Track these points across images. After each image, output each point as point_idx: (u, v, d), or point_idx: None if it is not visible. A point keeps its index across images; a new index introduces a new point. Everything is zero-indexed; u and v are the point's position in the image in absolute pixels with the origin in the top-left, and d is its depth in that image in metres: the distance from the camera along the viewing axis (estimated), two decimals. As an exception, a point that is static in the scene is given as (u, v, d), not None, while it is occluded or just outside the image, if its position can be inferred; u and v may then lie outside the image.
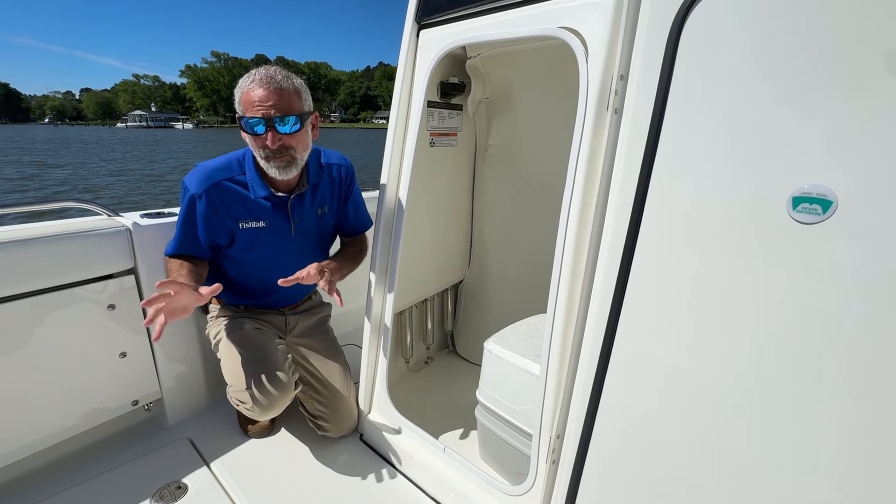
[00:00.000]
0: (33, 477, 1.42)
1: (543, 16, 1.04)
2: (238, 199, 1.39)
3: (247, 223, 1.41)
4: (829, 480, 0.71)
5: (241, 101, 1.27)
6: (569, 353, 1.02)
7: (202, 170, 1.38)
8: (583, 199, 0.96)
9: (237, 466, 1.50)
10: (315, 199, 1.52)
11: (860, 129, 0.64)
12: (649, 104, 0.82)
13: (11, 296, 1.31)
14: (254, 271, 1.52)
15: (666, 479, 0.88)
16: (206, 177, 1.36)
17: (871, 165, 0.63)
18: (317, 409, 1.57)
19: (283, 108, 1.24)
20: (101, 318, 1.49)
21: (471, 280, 2.21)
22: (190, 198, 1.36)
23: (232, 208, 1.39)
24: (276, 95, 1.23)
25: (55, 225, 1.44)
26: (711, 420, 0.81)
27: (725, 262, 0.76)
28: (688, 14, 0.77)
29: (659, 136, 0.81)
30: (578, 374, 1.00)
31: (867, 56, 0.63)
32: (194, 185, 1.35)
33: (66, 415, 1.47)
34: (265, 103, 1.22)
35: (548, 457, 1.07)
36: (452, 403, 1.84)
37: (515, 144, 1.95)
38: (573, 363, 1.02)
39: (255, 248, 1.46)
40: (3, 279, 1.29)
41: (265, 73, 1.25)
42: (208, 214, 1.37)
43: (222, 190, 1.37)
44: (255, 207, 1.41)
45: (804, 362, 0.71)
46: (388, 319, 1.50)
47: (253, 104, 1.22)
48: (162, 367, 1.66)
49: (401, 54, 1.37)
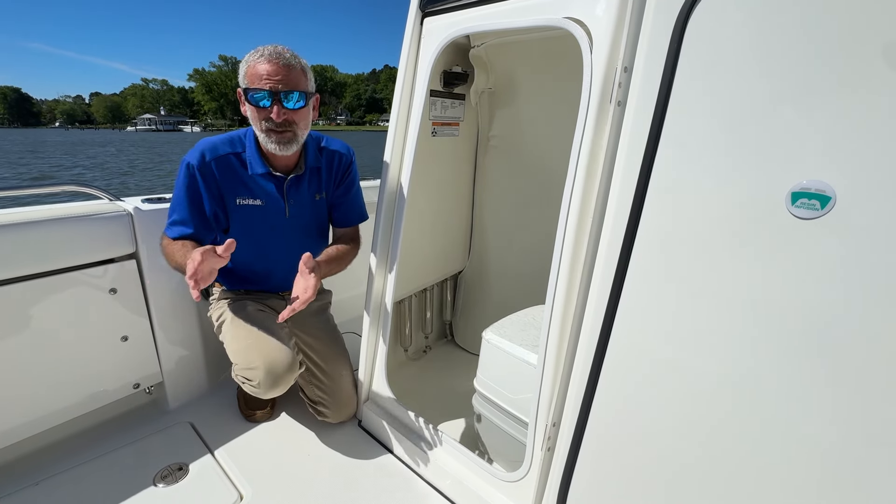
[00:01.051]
0: (35, 458, 1.45)
1: (549, 5, 1.03)
2: (237, 173, 1.40)
3: (243, 199, 1.42)
4: (822, 475, 0.72)
5: (246, 74, 1.27)
6: (566, 344, 1.03)
7: (204, 143, 1.38)
8: (583, 191, 0.96)
9: (237, 450, 1.52)
10: (312, 184, 1.52)
11: (860, 125, 0.64)
12: (653, 97, 0.82)
13: (13, 278, 1.32)
14: (249, 253, 1.51)
15: (659, 468, 0.90)
16: (210, 148, 1.36)
17: (869, 161, 0.63)
18: (316, 394, 1.59)
19: (289, 84, 1.26)
20: (102, 302, 1.51)
21: (470, 270, 2.22)
22: (190, 169, 1.34)
23: (230, 182, 1.39)
24: (285, 70, 1.25)
25: (57, 209, 1.45)
26: (706, 412, 0.82)
27: (724, 256, 0.77)
28: (693, 7, 0.76)
29: (661, 130, 0.82)
30: (575, 363, 1.02)
31: (867, 52, 0.63)
32: (196, 157, 1.35)
33: (68, 397, 1.49)
34: (273, 77, 1.23)
35: (543, 444, 1.09)
36: (450, 392, 1.87)
37: (517, 135, 1.94)
38: (570, 353, 1.03)
39: (249, 226, 1.46)
40: (5, 261, 1.30)
41: (273, 49, 1.26)
42: (211, 185, 1.36)
43: (224, 162, 1.37)
44: (252, 184, 1.42)
45: (801, 357, 0.72)
46: (387, 308, 1.51)
47: (260, 77, 1.23)
48: (163, 350, 1.67)
49: (404, 42, 1.36)
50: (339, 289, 1.96)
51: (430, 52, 1.31)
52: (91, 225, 1.44)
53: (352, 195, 1.62)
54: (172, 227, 1.37)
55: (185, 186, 1.35)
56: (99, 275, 1.48)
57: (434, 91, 1.66)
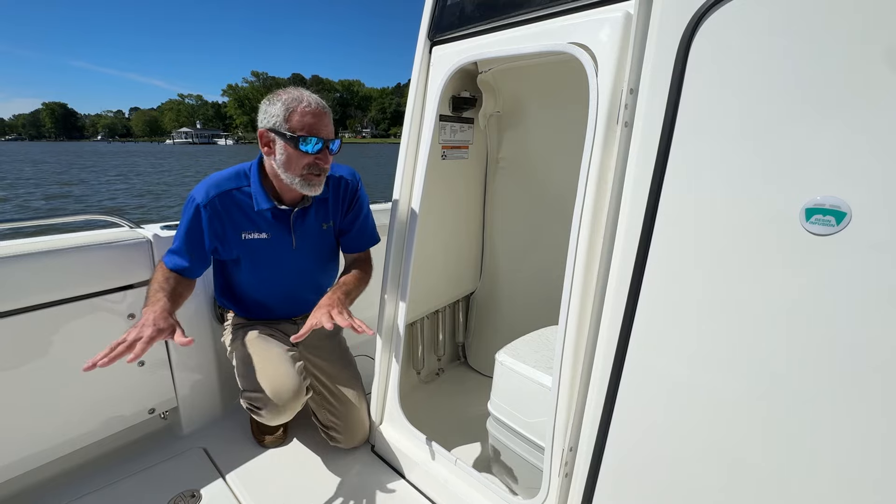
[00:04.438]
0: (51, 484, 1.45)
1: (554, 32, 1.06)
2: (242, 209, 1.43)
3: (249, 234, 1.45)
4: (846, 493, 0.69)
5: (289, 119, 1.29)
6: (581, 365, 1.02)
7: (210, 180, 1.41)
8: (594, 211, 0.97)
9: (250, 476, 1.51)
10: (319, 214, 1.54)
11: (874, 140, 0.63)
12: (659, 117, 0.83)
13: (37, 304, 1.36)
14: (256, 284, 1.55)
15: (683, 494, 0.87)
16: (214, 185, 1.40)
17: (885, 177, 0.63)
18: (328, 419, 1.58)
19: (332, 132, 1.36)
20: (121, 327, 1.53)
21: (482, 292, 2.21)
22: (196, 207, 1.38)
23: (236, 218, 1.42)
24: (328, 119, 1.35)
25: (80, 237, 1.49)
26: (726, 433, 0.80)
27: (738, 275, 0.76)
28: (697, 28, 0.78)
29: (669, 149, 0.82)
30: (591, 385, 1.00)
31: (879, 67, 0.63)
32: (201, 194, 1.38)
33: (85, 423, 1.50)
34: (326, 127, 1.33)
35: (560, 470, 1.06)
36: (464, 415, 1.83)
37: (526, 157, 1.96)
38: (585, 375, 1.02)
39: (256, 259, 1.49)
40: (30, 288, 1.34)
41: (316, 98, 1.33)
42: (213, 223, 1.39)
43: (229, 199, 1.41)
44: (258, 218, 1.44)
45: (819, 376, 0.70)
46: (399, 330, 1.51)
47: (312, 126, 1.30)
48: (178, 375, 1.68)
49: (413, 70, 1.40)
50: (352, 311, 1.96)
51: (439, 78, 1.35)
52: (112, 252, 1.48)
53: (361, 220, 1.62)
54: (171, 256, 1.40)
55: (187, 222, 1.39)
56: (118, 300, 1.52)
57: (443, 116, 1.69)
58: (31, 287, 1.34)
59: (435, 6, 1.34)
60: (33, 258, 1.33)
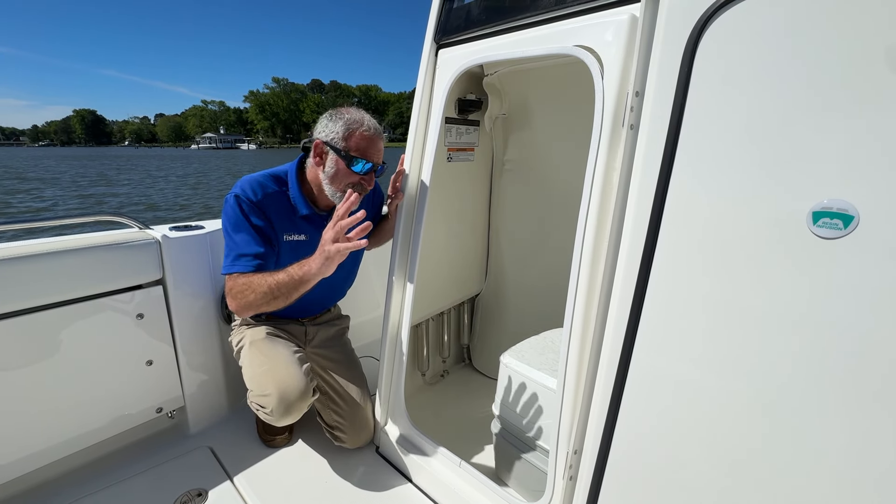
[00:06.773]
0: (59, 481, 1.47)
1: (559, 35, 1.06)
2: (285, 211, 1.46)
3: (290, 235, 1.48)
4: (852, 497, 0.68)
5: (349, 140, 1.37)
6: (586, 368, 1.01)
7: (253, 180, 1.43)
8: (599, 214, 0.96)
9: (256, 476, 1.51)
10: None
11: (882, 144, 0.63)
12: (665, 120, 0.83)
13: (48, 304, 1.38)
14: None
15: (686, 497, 0.86)
16: (259, 185, 1.42)
17: (893, 180, 0.62)
18: (334, 419, 1.58)
19: (381, 157, 1.45)
20: (129, 327, 1.55)
21: (487, 293, 2.21)
22: (244, 203, 1.37)
23: (280, 218, 1.45)
24: (381, 145, 1.44)
25: (91, 237, 1.52)
26: (732, 437, 0.79)
27: (745, 278, 0.76)
28: (703, 31, 0.78)
29: (675, 152, 0.82)
30: (596, 388, 0.99)
31: (886, 69, 0.62)
32: (248, 192, 1.39)
33: (94, 421, 1.52)
34: (379, 152, 1.43)
35: (565, 473, 1.06)
36: (468, 417, 1.83)
37: (532, 159, 1.96)
38: (590, 377, 1.01)
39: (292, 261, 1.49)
40: (41, 288, 1.35)
41: (374, 123, 1.42)
42: (262, 219, 1.41)
43: (275, 198, 1.44)
44: (298, 221, 1.49)
45: (826, 380, 0.69)
46: (404, 332, 1.51)
47: (366, 150, 1.39)
48: (186, 375, 1.70)
49: (420, 73, 1.41)
50: (357, 313, 1.97)
51: (444, 81, 1.35)
52: (121, 252, 1.50)
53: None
54: (241, 261, 1.33)
55: (242, 219, 1.37)
56: (127, 300, 1.53)
57: (449, 118, 1.70)
58: (41, 287, 1.36)
59: (441, 9, 1.35)
60: (43, 258, 1.35)
